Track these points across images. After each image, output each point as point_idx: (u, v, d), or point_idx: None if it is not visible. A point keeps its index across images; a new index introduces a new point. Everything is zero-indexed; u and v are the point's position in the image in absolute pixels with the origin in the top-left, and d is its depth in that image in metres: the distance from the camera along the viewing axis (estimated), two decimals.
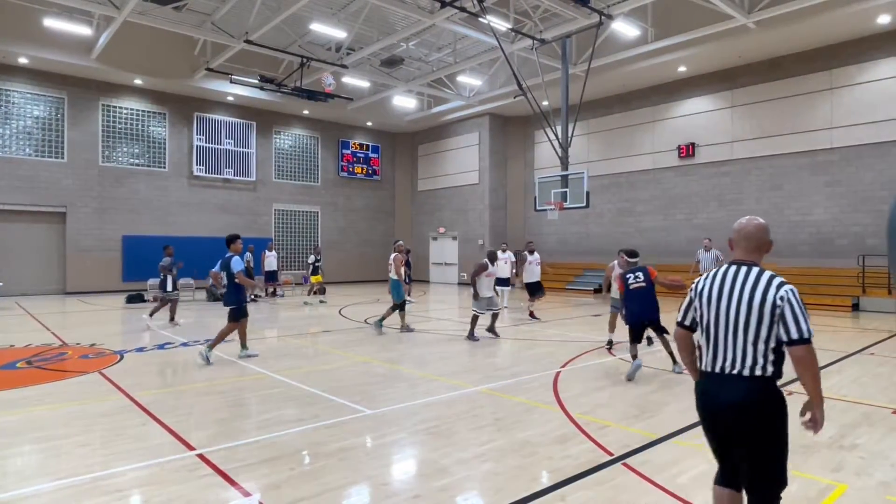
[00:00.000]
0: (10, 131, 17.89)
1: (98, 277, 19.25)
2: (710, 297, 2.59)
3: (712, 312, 2.57)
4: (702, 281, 2.68)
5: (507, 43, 16.46)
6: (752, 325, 2.45)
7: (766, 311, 2.43)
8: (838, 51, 15.50)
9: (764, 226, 2.65)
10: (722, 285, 2.56)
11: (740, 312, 2.48)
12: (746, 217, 2.71)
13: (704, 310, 2.61)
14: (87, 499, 3.45)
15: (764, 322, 2.43)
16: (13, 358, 7.98)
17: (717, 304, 2.55)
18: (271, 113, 23.13)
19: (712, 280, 2.62)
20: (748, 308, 2.46)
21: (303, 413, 5.31)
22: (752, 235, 2.63)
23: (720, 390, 2.50)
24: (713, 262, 13.65)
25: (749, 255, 2.63)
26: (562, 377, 6.83)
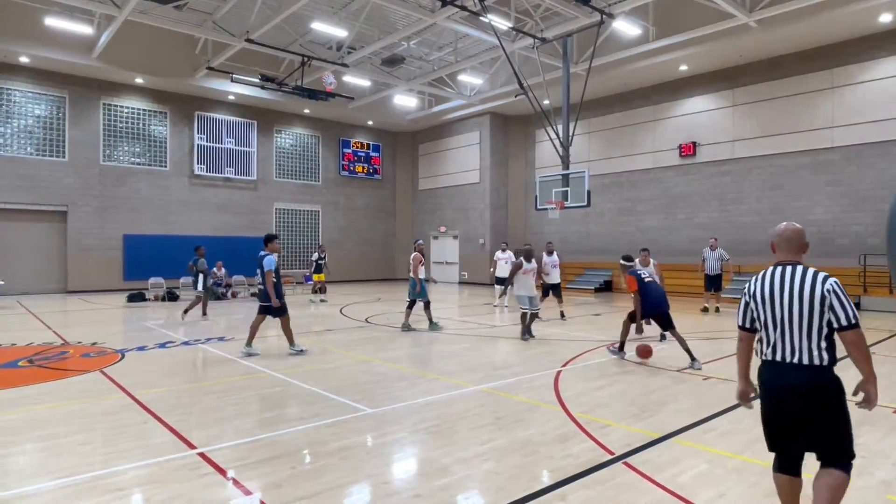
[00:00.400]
0: (12, 130, 17.91)
1: (99, 276, 19.27)
2: (763, 297, 2.87)
3: (769, 310, 2.84)
4: (753, 284, 2.95)
5: (508, 42, 16.45)
6: (805, 317, 2.73)
7: (817, 303, 2.73)
8: (839, 50, 15.48)
9: (801, 229, 2.97)
10: (773, 285, 2.85)
11: (794, 307, 2.76)
12: (784, 223, 3.02)
13: (761, 309, 2.88)
14: (88, 497, 3.45)
15: (815, 313, 2.72)
16: (15, 356, 7.99)
17: (771, 302, 2.83)
18: (272, 112, 23.13)
19: (762, 281, 2.90)
20: (800, 302, 2.75)
21: (304, 412, 5.31)
22: (792, 238, 2.93)
23: (784, 378, 2.77)
24: (718, 260, 13.69)
25: (792, 256, 2.92)
26: (563, 376, 6.83)
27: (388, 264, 27.33)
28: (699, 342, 9.44)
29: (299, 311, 14.57)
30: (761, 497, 3.47)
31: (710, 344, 9.21)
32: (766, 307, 2.84)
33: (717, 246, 13.89)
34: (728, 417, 5.11)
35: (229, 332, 10.56)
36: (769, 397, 2.85)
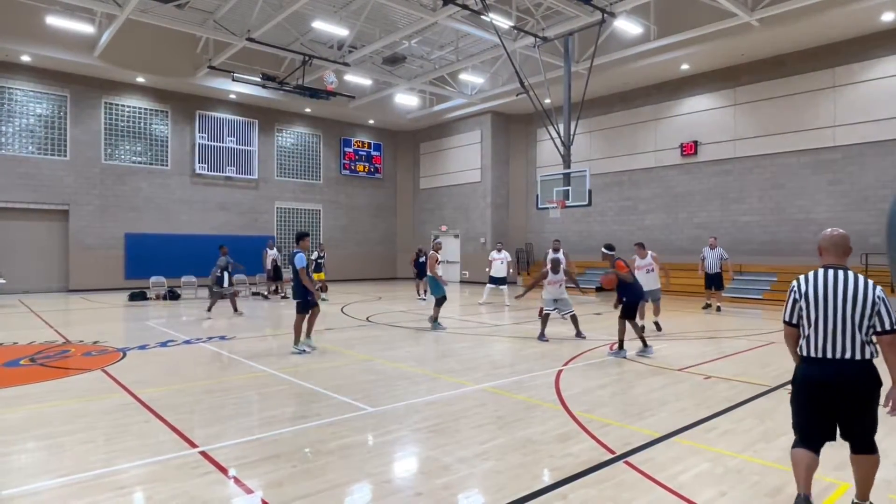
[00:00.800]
0: (13, 129, 17.93)
1: (101, 275, 19.29)
2: (816, 297, 3.08)
3: (820, 310, 3.05)
4: (804, 284, 3.15)
5: (510, 41, 16.44)
6: (857, 318, 2.99)
7: (868, 307, 2.99)
8: (841, 49, 15.46)
9: (847, 235, 3.22)
10: (826, 286, 3.07)
11: (847, 308, 3.00)
12: (829, 228, 3.27)
13: (812, 308, 3.08)
14: (90, 495, 3.46)
15: (865, 315, 2.98)
16: (17, 355, 8.01)
17: (825, 303, 3.04)
18: (273, 111, 23.14)
19: (814, 282, 3.11)
20: (853, 304, 2.99)
21: (305, 410, 5.32)
22: (839, 243, 3.17)
23: (832, 372, 3.01)
24: (718, 259, 13.69)
25: (839, 260, 3.17)
26: (564, 375, 6.83)
27: (390, 263, 27.33)
28: (700, 342, 9.44)
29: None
30: (762, 496, 3.47)
31: (710, 343, 9.21)
32: (819, 307, 3.05)
33: (716, 245, 13.91)
34: (729, 417, 5.11)
35: (231, 331, 10.57)
36: (812, 390, 3.09)
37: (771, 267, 16.69)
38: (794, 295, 3.17)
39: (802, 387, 3.15)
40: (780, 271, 16.36)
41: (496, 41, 15.52)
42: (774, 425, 4.85)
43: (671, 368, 7.19)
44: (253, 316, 12.98)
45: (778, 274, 16.27)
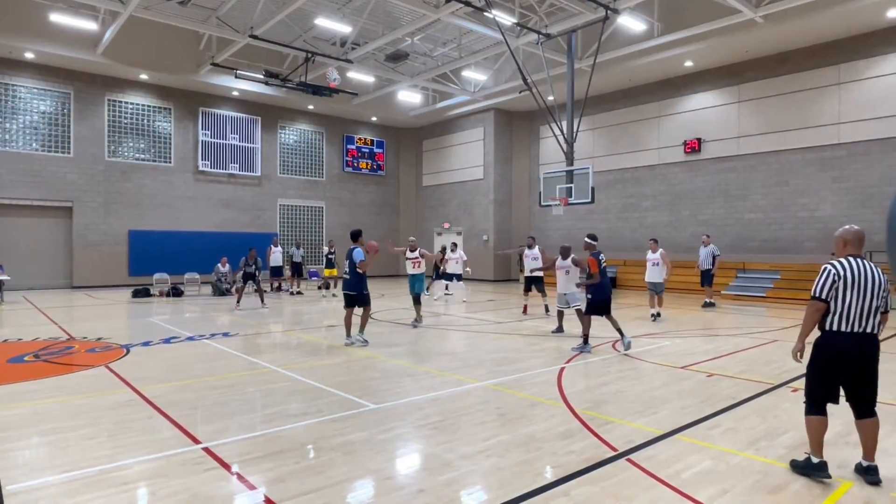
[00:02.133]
0: (17, 126, 17.98)
1: (104, 272, 19.36)
2: (853, 280, 3.59)
3: (856, 291, 3.59)
4: (840, 268, 3.64)
5: (513, 38, 16.39)
6: (876, 298, 3.62)
7: (883, 290, 3.64)
8: (846, 45, 15.38)
9: (862, 230, 3.83)
10: (859, 272, 3.61)
11: (872, 290, 3.59)
12: (848, 225, 3.90)
13: (849, 290, 3.59)
14: (94, 491, 3.48)
15: (879, 296, 3.62)
16: (21, 351, 8.04)
17: (859, 286, 3.59)
18: (276, 108, 23.14)
19: (850, 268, 3.62)
20: (876, 287, 3.61)
21: (307, 407, 5.33)
22: (861, 237, 3.76)
23: (862, 344, 3.60)
24: (709, 256, 13.82)
25: (860, 251, 3.76)
26: (566, 373, 6.83)
27: (392, 260, 27.33)
28: (702, 339, 9.42)
29: (308, 307, 14.62)
30: (764, 494, 3.47)
31: (713, 341, 9.19)
32: (854, 289, 3.58)
33: (709, 242, 14.10)
34: (731, 415, 5.10)
35: (234, 328, 10.60)
36: (846, 359, 3.61)
37: (774, 265, 16.64)
38: (833, 276, 3.63)
39: (836, 355, 3.64)
40: (783, 269, 16.32)
41: (499, 38, 15.48)
42: (777, 423, 4.84)
43: (674, 366, 7.18)
44: (257, 312, 13.01)
45: (781, 272, 16.23)
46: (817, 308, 3.69)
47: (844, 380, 3.66)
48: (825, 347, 3.69)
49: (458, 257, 16.36)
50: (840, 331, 3.61)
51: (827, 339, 3.68)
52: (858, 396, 3.68)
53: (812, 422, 3.72)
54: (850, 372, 3.63)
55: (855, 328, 3.60)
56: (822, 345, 3.70)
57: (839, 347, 3.62)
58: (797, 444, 4.33)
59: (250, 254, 14.27)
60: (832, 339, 3.65)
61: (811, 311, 3.71)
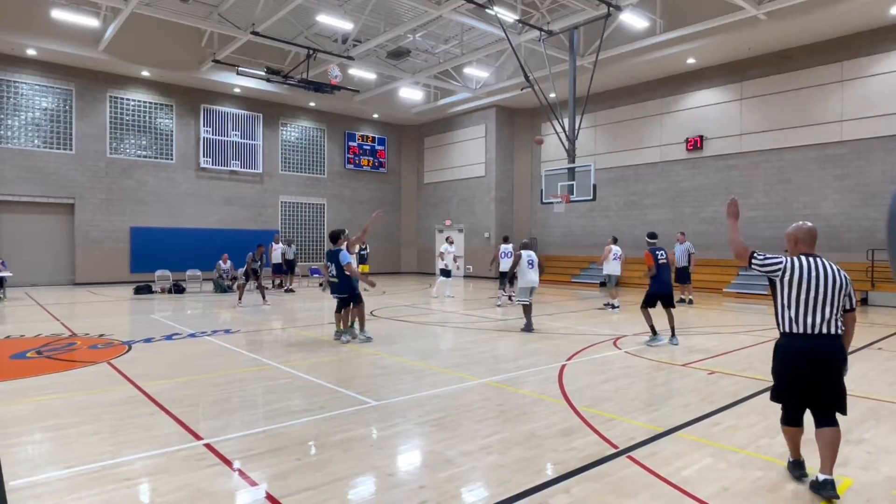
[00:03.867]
0: (19, 123, 17.99)
1: (106, 268, 19.39)
2: (801, 278, 3.43)
3: (804, 290, 3.42)
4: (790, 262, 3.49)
5: (515, 34, 16.36)
6: (835, 297, 3.42)
7: (843, 289, 3.45)
8: (849, 42, 15.32)
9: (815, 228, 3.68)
10: (809, 270, 3.44)
11: (828, 289, 3.41)
12: (800, 222, 3.69)
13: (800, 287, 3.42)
14: (96, 486, 3.49)
15: (839, 295, 3.43)
16: (23, 348, 8.06)
17: (808, 284, 3.41)
18: (278, 105, 23.13)
19: (799, 265, 3.47)
20: (833, 286, 3.42)
21: (309, 404, 5.34)
22: (814, 235, 3.62)
23: (816, 347, 3.40)
24: (685, 253, 13.96)
25: (813, 249, 3.61)
26: (567, 370, 6.83)
27: (394, 258, 27.36)
28: (704, 337, 9.42)
29: (310, 303, 14.64)
30: (765, 491, 3.47)
31: (714, 339, 9.19)
32: (805, 287, 3.42)
33: (684, 240, 14.30)
34: (733, 412, 5.10)
35: (235, 324, 10.61)
36: (798, 361, 3.44)
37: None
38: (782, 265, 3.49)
39: (791, 357, 3.48)
40: None
41: (501, 35, 15.45)
42: (778, 421, 4.83)
43: (675, 363, 7.18)
44: (259, 309, 13.03)
45: None
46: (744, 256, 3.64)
47: (803, 385, 3.46)
48: (781, 349, 3.55)
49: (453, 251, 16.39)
50: (793, 333, 3.45)
51: (785, 341, 3.52)
52: (818, 403, 3.46)
53: (784, 431, 3.65)
54: (806, 376, 3.43)
55: (808, 329, 3.40)
56: (779, 347, 3.56)
57: (793, 349, 3.47)
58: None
59: (258, 250, 14.28)
60: (787, 341, 3.50)
61: (743, 252, 3.65)
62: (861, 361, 7.37)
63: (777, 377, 3.60)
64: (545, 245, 23.23)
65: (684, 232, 15.18)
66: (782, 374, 3.55)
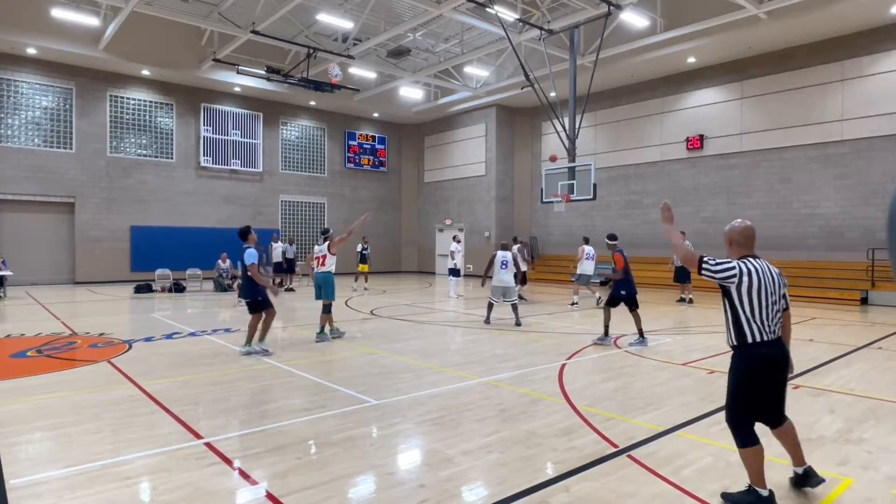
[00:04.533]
0: (20, 122, 17.99)
1: (107, 267, 19.40)
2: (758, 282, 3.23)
3: (755, 296, 3.22)
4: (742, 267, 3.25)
5: (515, 33, 16.36)
6: (778, 300, 3.30)
7: (781, 289, 3.34)
8: (850, 41, 15.31)
9: (751, 227, 3.46)
10: (760, 274, 3.26)
11: (774, 293, 3.28)
12: (740, 220, 3.47)
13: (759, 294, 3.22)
14: (96, 485, 3.49)
15: (779, 297, 3.32)
16: (24, 346, 8.07)
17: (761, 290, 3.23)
18: (278, 104, 23.12)
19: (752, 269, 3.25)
20: (777, 289, 3.30)
21: (309, 403, 5.34)
22: (751, 235, 3.42)
23: (781, 350, 3.31)
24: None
25: (753, 250, 3.41)
26: (567, 369, 6.83)
27: (394, 257, 27.36)
28: (704, 336, 9.42)
29: (310, 302, 14.63)
30: None
31: (714, 338, 9.19)
32: (761, 292, 3.23)
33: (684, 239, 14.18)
34: None
35: (235, 323, 10.61)
36: (766, 372, 3.26)
37: (776, 262, 16.56)
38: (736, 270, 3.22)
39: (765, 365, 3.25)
40: (785, 266, 16.27)
41: (501, 34, 15.44)
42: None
43: (675, 363, 7.18)
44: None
45: (784, 269, 16.14)
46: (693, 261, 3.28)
47: (774, 393, 3.32)
48: (757, 361, 3.25)
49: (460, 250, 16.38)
50: (763, 341, 3.23)
51: (753, 352, 3.24)
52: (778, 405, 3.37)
53: (749, 454, 3.25)
54: (777, 381, 3.31)
55: (770, 335, 3.25)
56: (753, 359, 3.25)
57: (768, 358, 3.25)
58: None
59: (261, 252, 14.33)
60: (761, 351, 3.24)
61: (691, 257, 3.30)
62: (861, 361, 7.38)
63: (746, 392, 3.28)
64: (545, 244, 23.24)
65: (684, 231, 15.17)
66: (754, 387, 3.28)
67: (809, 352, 7.84)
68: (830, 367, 6.99)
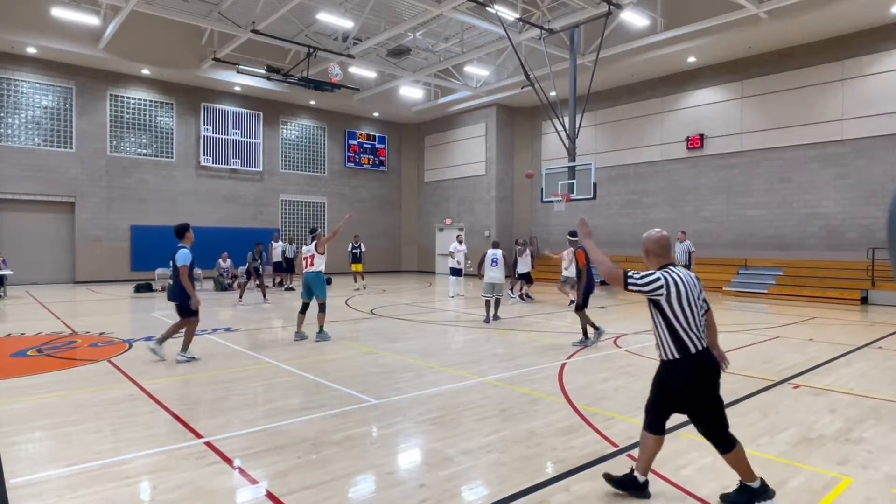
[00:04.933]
0: (20, 121, 17.99)
1: (107, 267, 19.40)
2: (679, 292, 3.14)
3: (686, 305, 3.15)
4: (667, 278, 3.15)
5: (515, 33, 16.35)
6: (701, 307, 3.25)
7: (703, 295, 3.30)
8: (850, 41, 15.30)
9: (666, 236, 3.38)
10: (683, 281, 3.18)
11: (697, 300, 3.21)
12: (656, 230, 3.38)
13: (689, 302, 3.15)
14: (96, 484, 3.49)
15: (700, 302, 3.24)
16: (24, 346, 8.07)
17: (687, 299, 3.16)
18: (278, 103, 23.12)
19: (678, 277, 3.17)
20: (698, 295, 3.23)
21: (309, 402, 5.35)
22: (665, 244, 3.33)
23: (712, 359, 3.23)
24: (685, 252, 13.90)
25: (671, 258, 3.34)
26: (567, 368, 6.83)
27: (394, 256, 27.36)
28: None
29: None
30: None
31: None
32: (690, 302, 3.15)
33: (685, 239, 14.21)
34: (732, 411, 5.10)
35: (235, 323, 10.62)
36: (705, 382, 3.18)
37: (776, 261, 16.62)
38: (663, 282, 3.11)
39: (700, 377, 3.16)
40: (785, 266, 16.30)
41: (501, 33, 15.43)
42: (778, 420, 4.84)
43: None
44: (260, 307, 13.03)
45: (784, 268, 16.21)
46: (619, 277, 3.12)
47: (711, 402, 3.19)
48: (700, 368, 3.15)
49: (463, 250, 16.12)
50: (698, 350, 3.14)
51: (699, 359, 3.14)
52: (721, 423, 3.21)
53: (649, 440, 3.30)
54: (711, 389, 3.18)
55: (700, 345, 3.15)
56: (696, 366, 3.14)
57: (706, 366, 3.17)
58: (798, 440, 4.33)
59: (256, 249, 14.44)
60: (703, 358, 3.16)
61: (615, 275, 3.14)
62: (861, 360, 7.38)
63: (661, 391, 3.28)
64: (545, 244, 23.22)
65: (685, 231, 15.15)
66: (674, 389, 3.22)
67: (809, 351, 7.84)
68: (830, 366, 6.99)
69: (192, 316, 7.11)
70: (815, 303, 14.29)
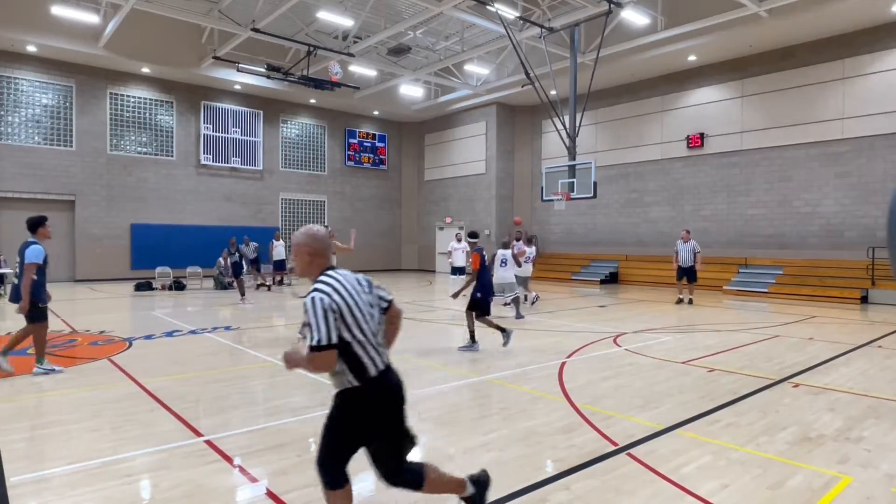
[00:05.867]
0: (20, 119, 17.98)
1: (107, 265, 19.41)
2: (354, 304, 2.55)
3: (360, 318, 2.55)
4: (336, 295, 2.50)
5: (516, 31, 16.33)
6: (376, 316, 2.67)
7: (374, 295, 2.70)
8: (851, 40, 15.29)
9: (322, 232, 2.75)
10: (354, 291, 2.58)
11: (371, 309, 2.64)
12: (315, 227, 2.75)
13: (362, 314, 2.56)
14: (97, 483, 3.50)
15: (376, 309, 2.69)
16: (24, 345, 8.06)
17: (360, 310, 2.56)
18: (278, 102, 23.10)
19: (345, 290, 2.55)
20: (371, 299, 2.66)
21: (310, 400, 5.35)
22: (330, 243, 2.76)
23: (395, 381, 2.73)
24: (690, 252, 13.87)
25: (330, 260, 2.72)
26: (567, 367, 6.83)
27: (395, 255, 27.37)
28: (704, 335, 9.42)
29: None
30: (764, 489, 3.48)
31: (715, 336, 9.19)
32: (363, 314, 2.57)
33: (689, 238, 14.16)
34: (732, 410, 5.11)
35: (236, 321, 10.62)
36: (394, 407, 2.72)
37: (776, 260, 16.62)
38: (331, 307, 2.45)
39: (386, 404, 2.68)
40: (785, 265, 16.30)
41: (502, 32, 15.43)
42: (778, 419, 4.85)
43: (675, 361, 7.18)
44: (261, 306, 13.04)
45: (784, 268, 16.21)
46: (328, 361, 2.46)
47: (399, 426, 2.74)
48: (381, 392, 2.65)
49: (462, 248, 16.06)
50: (380, 371, 2.63)
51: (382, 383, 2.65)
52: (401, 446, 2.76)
53: (337, 496, 2.68)
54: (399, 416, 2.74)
55: (382, 363, 2.64)
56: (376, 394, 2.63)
57: (393, 387, 2.71)
58: (797, 439, 4.33)
59: (230, 243, 14.40)
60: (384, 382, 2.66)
61: (324, 364, 2.46)
62: (861, 359, 7.38)
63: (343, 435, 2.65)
64: (546, 243, 23.22)
65: (689, 230, 15.01)
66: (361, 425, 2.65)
67: (809, 350, 7.85)
68: (830, 365, 7.00)
69: (39, 320, 6.18)
70: (815, 302, 14.30)
